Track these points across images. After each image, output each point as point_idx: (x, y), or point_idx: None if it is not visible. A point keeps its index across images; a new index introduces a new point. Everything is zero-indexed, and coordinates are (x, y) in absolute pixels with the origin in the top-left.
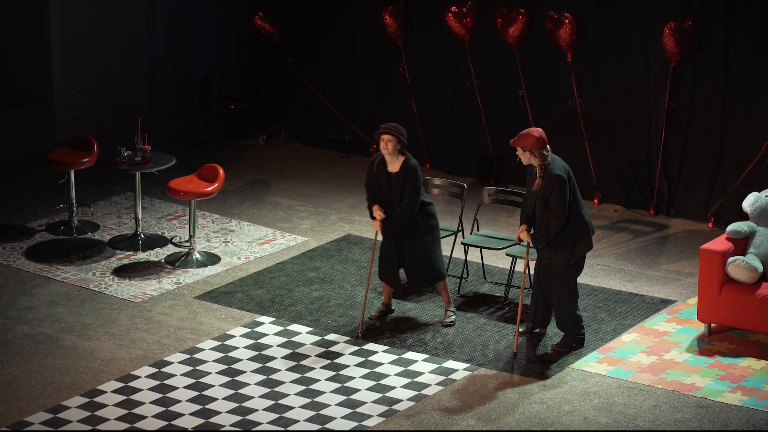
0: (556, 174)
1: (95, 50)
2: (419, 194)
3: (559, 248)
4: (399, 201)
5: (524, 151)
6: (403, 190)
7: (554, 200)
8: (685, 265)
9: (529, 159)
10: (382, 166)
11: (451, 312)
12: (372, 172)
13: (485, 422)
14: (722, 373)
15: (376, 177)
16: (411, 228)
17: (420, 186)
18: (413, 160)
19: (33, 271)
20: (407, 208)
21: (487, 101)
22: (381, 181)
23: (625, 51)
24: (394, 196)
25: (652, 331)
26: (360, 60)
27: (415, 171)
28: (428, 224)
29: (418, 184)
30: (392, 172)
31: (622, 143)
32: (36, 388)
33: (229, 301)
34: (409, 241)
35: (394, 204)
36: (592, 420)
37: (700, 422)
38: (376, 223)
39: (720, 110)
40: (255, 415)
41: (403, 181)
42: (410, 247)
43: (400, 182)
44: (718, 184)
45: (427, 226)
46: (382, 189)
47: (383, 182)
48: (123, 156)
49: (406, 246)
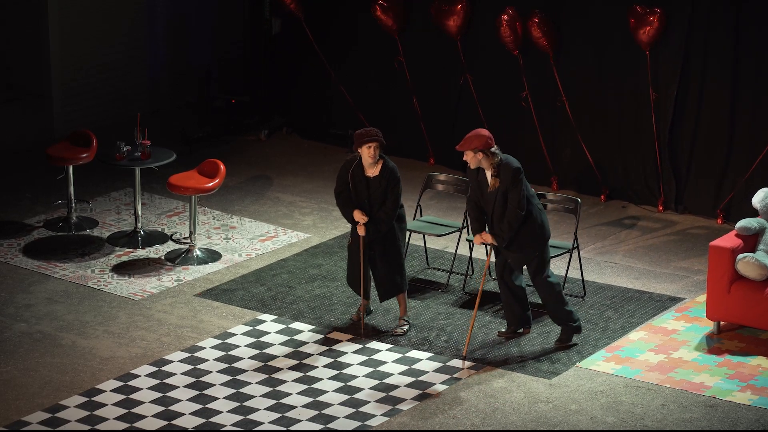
0: (516, 167)
1: (94, 43)
2: (401, 196)
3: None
4: (380, 204)
5: (475, 152)
6: (385, 194)
7: (514, 193)
8: (693, 262)
9: (480, 161)
10: (359, 170)
11: (405, 321)
12: (347, 177)
13: (490, 421)
14: (731, 372)
15: (354, 182)
16: (387, 233)
17: (401, 189)
18: (391, 162)
19: (31, 268)
20: (391, 211)
21: (488, 97)
22: (359, 186)
23: (631, 44)
24: (374, 200)
25: (661, 330)
26: (364, 51)
27: (396, 173)
28: (401, 228)
29: (400, 186)
30: (371, 177)
31: (629, 139)
32: (34, 387)
33: (230, 299)
34: (383, 246)
35: (372, 208)
36: (599, 420)
37: (709, 422)
38: (361, 227)
39: (729, 104)
40: (256, 415)
41: (385, 185)
42: (384, 252)
43: (382, 186)
44: (727, 180)
45: (400, 229)
46: (360, 194)
47: (361, 187)
48: (122, 151)
49: (380, 251)
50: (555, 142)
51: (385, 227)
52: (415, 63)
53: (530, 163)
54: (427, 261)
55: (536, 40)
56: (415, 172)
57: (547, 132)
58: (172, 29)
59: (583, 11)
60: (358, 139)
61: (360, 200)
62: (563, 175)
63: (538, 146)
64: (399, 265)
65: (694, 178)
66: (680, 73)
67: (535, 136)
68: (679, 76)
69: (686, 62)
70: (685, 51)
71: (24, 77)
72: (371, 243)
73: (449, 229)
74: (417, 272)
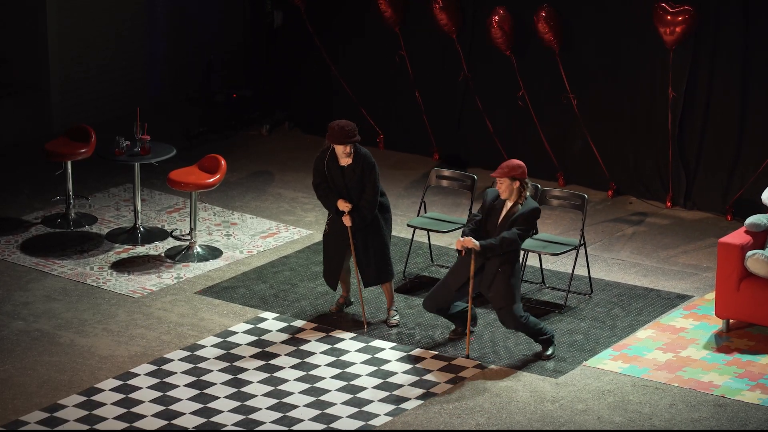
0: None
1: (93, 37)
2: (379, 181)
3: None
4: (358, 192)
5: (513, 180)
6: (362, 181)
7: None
8: (702, 259)
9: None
10: (332, 160)
11: (395, 311)
12: (322, 168)
13: (495, 421)
14: (741, 371)
15: (329, 172)
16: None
17: (378, 174)
18: (363, 149)
19: (29, 266)
20: (371, 197)
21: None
22: (335, 176)
23: (645, 38)
24: (351, 188)
25: (669, 328)
26: (366, 44)
27: (370, 159)
28: (385, 218)
29: (376, 170)
30: (345, 166)
31: (638, 133)
32: (32, 386)
33: (231, 297)
34: (366, 235)
35: (351, 197)
36: (606, 419)
37: (718, 421)
38: (347, 218)
39: (739, 99)
40: (258, 414)
41: (360, 172)
42: (367, 241)
43: (357, 174)
44: (736, 175)
45: (384, 219)
46: (336, 184)
47: (337, 177)
48: (121, 146)
49: (363, 240)
50: (562, 137)
51: (370, 215)
52: (418, 57)
53: (537, 158)
54: (431, 258)
55: (542, 35)
56: (419, 167)
57: (555, 127)
58: (172, 22)
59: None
60: (333, 135)
61: (338, 190)
62: (570, 170)
63: (546, 141)
64: (384, 254)
65: (702, 174)
66: (689, 67)
67: (544, 130)
68: (688, 70)
69: (696, 57)
70: (694, 46)
71: (21, 71)
72: (356, 233)
73: (454, 226)
74: (421, 269)
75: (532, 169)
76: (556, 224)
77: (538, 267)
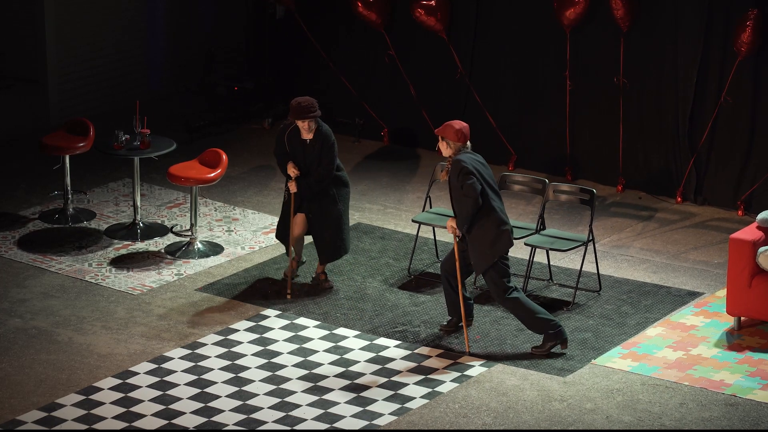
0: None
1: (91, 28)
2: (336, 159)
3: (479, 247)
4: (316, 167)
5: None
6: (320, 157)
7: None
8: (713, 255)
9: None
10: (295, 134)
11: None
12: (283, 140)
13: (502, 421)
14: (752, 369)
15: (291, 145)
16: (324, 196)
17: (336, 151)
18: (325, 126)
19: (26, 262)
20: (324, 172)
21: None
22: (296, 149)
23: (652, 33)
24: (309, 162)
25: (679, 325)
26: (360, 39)
27: (330, 136)
28: (341, 192)
29: (335, 148)
30: (306, 140)
31: (649, 127)
32: (29, 385)
33: (233, 293)
34: (321, 209)
35: (309, 171)
36: (615, 419)
37: (729, 421)
38: (292, 184)
39: (751, 92)
40: (260, 414)
41: (319, 148)
42: (322, 216)
43: (316, 149)
44: (748, 170)
45: (343, 194)
46: (297, 157)
47: (298, 150)
48: (121, 140)
49: (318, 215)
50: (572, 130)
51: (317, 186)
52: (417, 52)
53: (544, 152)
54: (436, 254)
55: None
56: (424, 162)
57: (563, 121)
58: (172, 13)
59: None
60: (293, 111)
61: (297, 163)
62: (578, 165)
63: (554, 135)
64: (340, 229)
65: (713, 169)
66: (700, 59)
67: (551, 124)
68: (699, 62)
69: (706, 48)
70: (705, 36)
71: (18, 63)
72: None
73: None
74: (426, 265)
75: (539, 163)
76: (564, 220)
77: (545, 263)
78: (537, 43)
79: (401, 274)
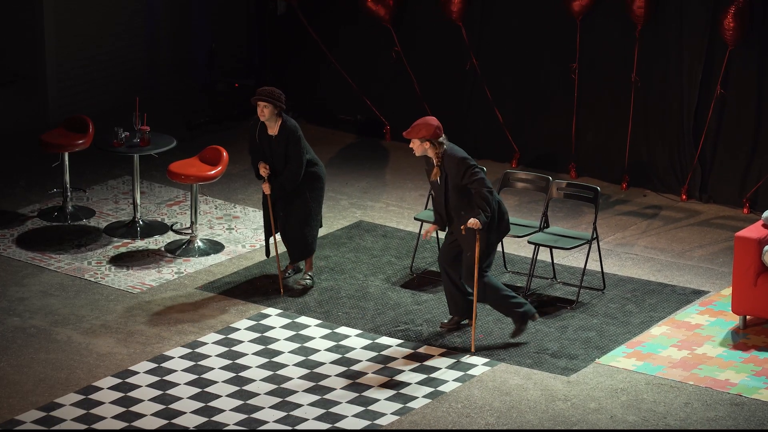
0: (461, 157)
1: (91, 24)
2: (304, 154)
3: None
4: (283, 164)
5: (422, 141)
6: (287, 153)
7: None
8: (718, 253)
9: (425, 150)
10: (263, 130)
11: (309, 276)
12: (254, 137)
13: (506, 421)
14: (758, 369)
15: (260, 142)
16: (296, 195)
17: (303, 146)
18: (291, 121)
19: (24, 260)
20: (294, 169)
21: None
22: (264, 145)
23: (657, 28)
24: (276, 159)
25: (684, 324)
26: (365, 35)
27: (296, 132)
28: (314, 186)
29: (301, 144)
30: (273, 136)
31: (652, 124)
32: (28, 385)
33: (234, 292)
34: (290, 205)
35: (276, 167)
36: (619, 418)
37: (735, 421)
38: (265, 185)
39: (756, 89)
40: (261, 413)
41: (285, 144)
42: (291, 212)
43: (282, 145)
44: (754, 168)
45: (315, 188)
46: (265, 153)
47: (266, 146)
48: (120, 137)
49: (287, 210)
50: (576, 127)
51: (290, 186)
52: (420, 48)
53: (547, 149)
54: (438, 252)
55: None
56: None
57: (567, 118)
58: (172, 9)
59: None
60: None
61: (266, 159)
62: (582, 162)
63: (557, 132)
64: (309, 225)
65: (719, 166)
66: (705, 55)
67: (554, 121)
68: (704, 58)
69: (711, 44)
70: (710, 32)
71: (17, 59)
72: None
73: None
74: (428, 264)
75: (542, 160)
76: (568, 218)
77: (549, 262)
78: (541, 40)
79: (403, 273)
